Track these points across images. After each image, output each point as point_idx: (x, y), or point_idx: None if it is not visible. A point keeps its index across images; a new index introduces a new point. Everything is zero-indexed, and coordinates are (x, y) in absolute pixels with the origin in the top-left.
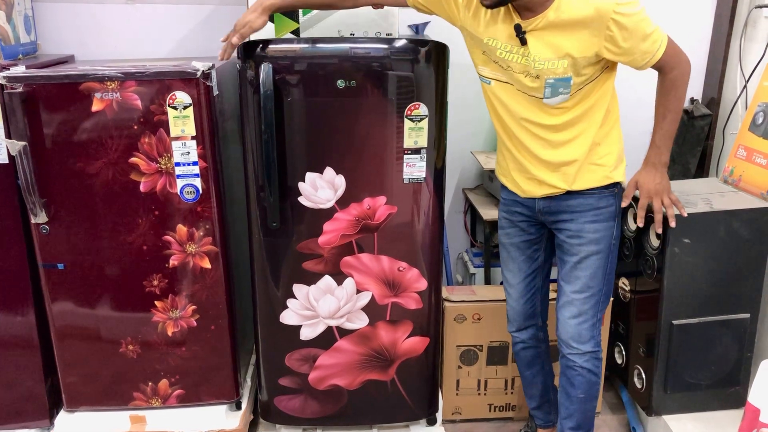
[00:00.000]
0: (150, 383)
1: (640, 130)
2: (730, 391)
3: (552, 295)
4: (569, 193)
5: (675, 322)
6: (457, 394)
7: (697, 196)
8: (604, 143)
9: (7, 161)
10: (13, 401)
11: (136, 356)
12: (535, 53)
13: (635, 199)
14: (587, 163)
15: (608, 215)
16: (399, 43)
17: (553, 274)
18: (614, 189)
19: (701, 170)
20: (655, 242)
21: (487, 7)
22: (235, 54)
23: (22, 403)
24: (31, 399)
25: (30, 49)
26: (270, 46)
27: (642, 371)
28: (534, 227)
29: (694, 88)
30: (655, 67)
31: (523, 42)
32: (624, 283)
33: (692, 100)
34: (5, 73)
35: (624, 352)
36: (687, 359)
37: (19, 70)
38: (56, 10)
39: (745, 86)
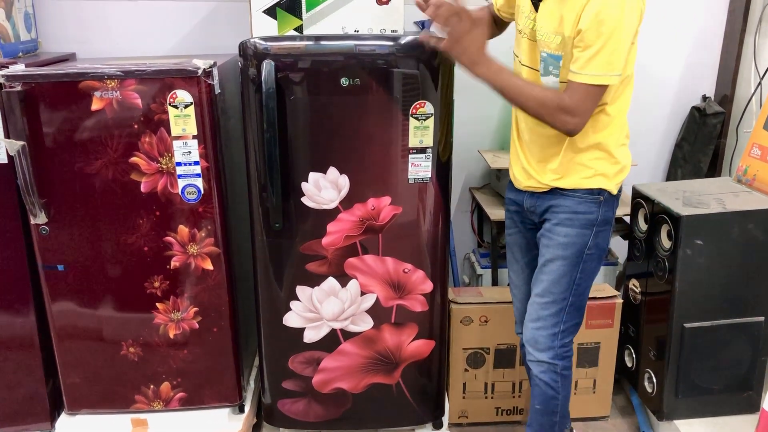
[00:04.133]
0: (152, 386)
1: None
2: (743, 396)
3: None
4: (552, 192)
5: (687, 325)
6: (463, 398)
7: (710, 196)
8: (599, 147)
9: (6, 161)
10: (14, 403)
11: (137, 359)
12: (539, 22)
13: (644, 198)
14: (574, 162)
15: (584, 222)
16: (405, 40)
17: None
18: (599, 197)
19: (713, 169)
20: (667, 243)
21: None
22: (236, 51)
23: (23, 405)
24: (32, 401)
25: (30, 47)
26: (272, 43)
27: (653, 375)
28: (531, 230)
29: (707, 85)
30: (566, 87)
31: (536, 8)
32: (634, 285)
33: (704, 98)
34: (4, 72)
35: (634, 355)
36: (699, 363)
37: (18, 68)
38: (58, 7)
39: (759, 83)
